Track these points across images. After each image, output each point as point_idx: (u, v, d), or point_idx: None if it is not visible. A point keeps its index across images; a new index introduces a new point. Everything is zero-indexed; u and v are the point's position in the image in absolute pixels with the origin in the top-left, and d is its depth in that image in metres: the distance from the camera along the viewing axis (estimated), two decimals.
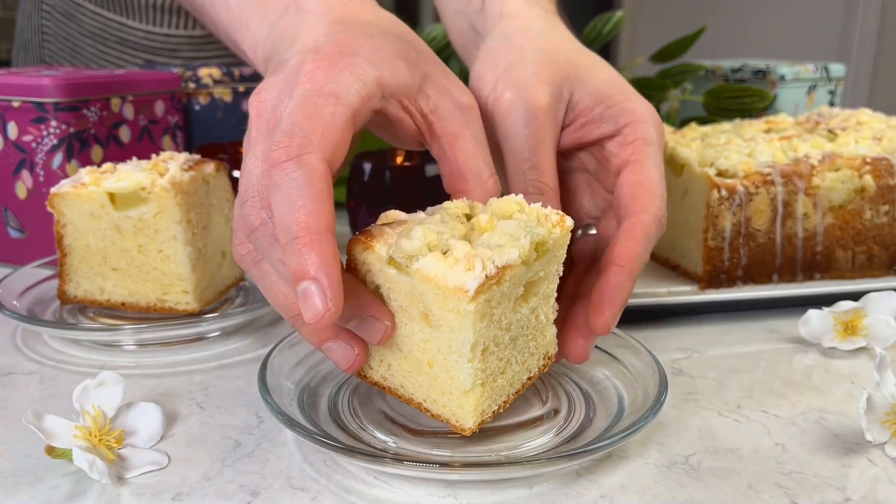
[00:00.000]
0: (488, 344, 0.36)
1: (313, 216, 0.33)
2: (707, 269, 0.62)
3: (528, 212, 0.38)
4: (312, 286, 0.32)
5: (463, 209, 0.39)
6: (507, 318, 0.37)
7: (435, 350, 0.37)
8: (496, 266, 0.34)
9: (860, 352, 0.55)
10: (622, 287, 0.40)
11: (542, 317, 0.40)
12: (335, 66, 0.37)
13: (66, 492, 0.37)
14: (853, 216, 0.64)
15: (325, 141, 0.34)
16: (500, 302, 0.36)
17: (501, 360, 0.38)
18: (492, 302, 0.35)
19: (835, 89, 1.04)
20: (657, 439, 0.43)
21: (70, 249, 0.57)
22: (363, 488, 0.38)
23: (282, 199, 0.33)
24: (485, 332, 0.35)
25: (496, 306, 0.36)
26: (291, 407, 0.41)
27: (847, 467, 0.40)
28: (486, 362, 0.37)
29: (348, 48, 0.38)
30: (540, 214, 0.38)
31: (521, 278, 0.37)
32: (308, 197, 0.33)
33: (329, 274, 0.32)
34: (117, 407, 0.41)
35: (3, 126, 0.66)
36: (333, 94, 0.36)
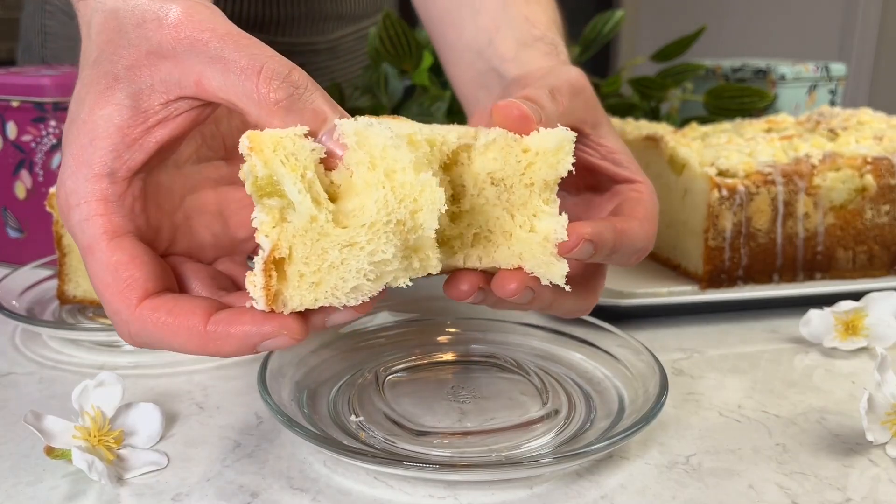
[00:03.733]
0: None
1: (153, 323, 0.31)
2: (708, 269, 0.62)
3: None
4: (271, 343, 0.31)
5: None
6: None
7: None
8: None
9: (861, 352, 0.55)
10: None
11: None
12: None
13: (66, 492, 0.37)
14: (854, 216, 0.64)
15: (102, 206, 0.32)
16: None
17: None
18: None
19: (835, 89, 1.04)
20: (658, 439, 0.43)
21: (69, 249, 0.57)
22: (363, 488, 0.38)
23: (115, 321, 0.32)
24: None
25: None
26: (291, 407, 0.41)
27: (848, 467, 0.40)
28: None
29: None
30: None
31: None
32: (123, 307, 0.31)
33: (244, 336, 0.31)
34: (117, 407, 0.41)
35: (3, 126, 0.66)
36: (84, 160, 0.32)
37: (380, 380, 0.47)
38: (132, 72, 0.32)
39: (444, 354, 0.52)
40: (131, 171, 0.33)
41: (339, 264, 0.30)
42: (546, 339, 0.52)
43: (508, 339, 0.53)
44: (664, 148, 0.67)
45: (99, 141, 0.32)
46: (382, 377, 0.47)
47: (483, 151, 0.36)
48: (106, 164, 0.32)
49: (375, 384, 0.46)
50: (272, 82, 0.31)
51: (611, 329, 0.49)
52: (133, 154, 0.33)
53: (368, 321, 0.53)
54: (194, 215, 0.37)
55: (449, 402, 0.45)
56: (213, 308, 0.32)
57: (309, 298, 0.31)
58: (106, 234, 0.32)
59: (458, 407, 0.45)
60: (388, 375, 0.48)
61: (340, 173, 0.31)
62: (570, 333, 0.51)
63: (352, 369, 0.49)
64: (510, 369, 0.49)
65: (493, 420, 0.43)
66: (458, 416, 0.44)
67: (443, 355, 0.52)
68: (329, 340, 0.50)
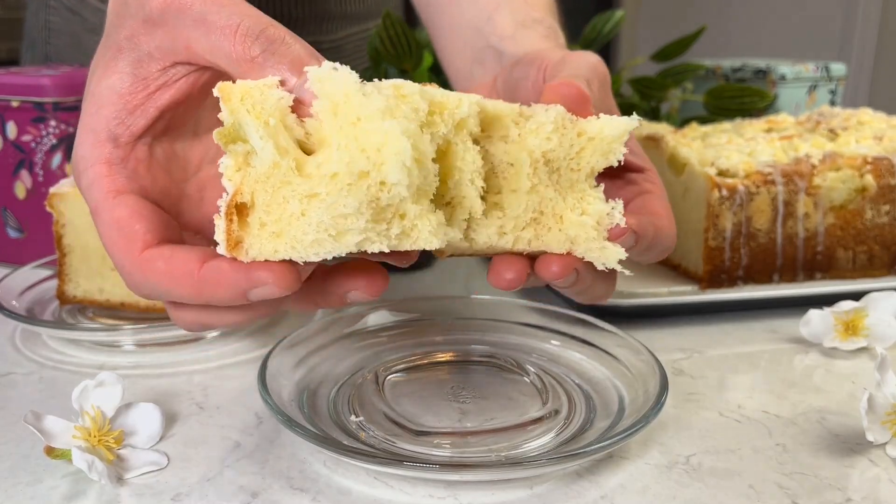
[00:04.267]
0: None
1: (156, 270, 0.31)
2: (708, 269, 0.62)
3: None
4: (260, 291, 0.30)
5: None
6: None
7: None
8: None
9: (861, 352, 0.55)
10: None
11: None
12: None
13: (66, 492, 0.37)
14: (854, 216, 0.64)
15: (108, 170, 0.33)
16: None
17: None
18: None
19: (835, 89, 1.04)
20: (658, 439, 0.43)
21: (69, 249, 0.57)
22: (363, 488, 0.38)
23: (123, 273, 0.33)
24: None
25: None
26: (291, 407, 0.41)
27: (848, 468, 0.40)
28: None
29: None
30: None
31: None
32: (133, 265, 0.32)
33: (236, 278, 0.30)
34: (117, 407, 0.41)
35: (3, 126, 0.66)
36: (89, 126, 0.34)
37: (380, 380, 0.47)
38: (132, 41, 0.33)
39: (444, 354, 0.52)
40: (134, 136, 0.34)
41: (299, 215, 0.29)
42: (546, 338, 0.52)
43: (508, 339, 0.53)
44: (664, 148, 0.67)
45: (103, 109, 0.34)
46: (382, 377, 0.47)
47: (537, 129, 0.35)
48: (109, 130, 0.33)
49: (375, 384, 0.46)
50: (247, 39, 0.31)
51: (611, 329, 0.49)
52: (135, 119, 0.34)
53: (368, 321, 0.53)
54: (208, 185, 0.37)
55: (449, 402, 0.45)
56: (209, 256, 0.32)
57: (269, 248, 0.30)
58: (109, 194, 0.33)
59: (458, 407, 0.45)
60: (388, 375, 0.48)
61: (314, 124, 0.30)
62: (570, 333, 0.51)
63: (352, 369, 0.49)
64: (510, 369, 0.49)
65: (493, 420, 0.43)
66: (458, 416, 0.44)
67: (443, 355, 0.52)
68: (329, 340, 0.50)
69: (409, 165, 0.28)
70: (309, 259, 0.30)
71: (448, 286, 0.68)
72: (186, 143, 0.37)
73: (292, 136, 0.30)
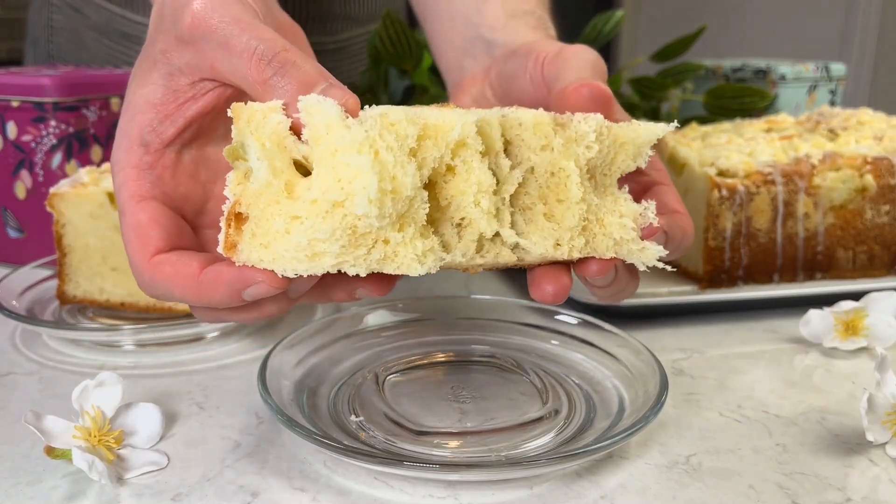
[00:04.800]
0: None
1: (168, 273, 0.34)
2: (708, 269, 0.62)
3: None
4: (252, 290, 0.32)
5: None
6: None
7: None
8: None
9: (861, 352, 0.55)
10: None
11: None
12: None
13: (66, 492, 0.37)
14: (854, 216, 0.64)
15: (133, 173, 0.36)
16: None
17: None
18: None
19: (835, 89, 1.04)
20: (658, 439, 0.43)
21: (69, 249, 0.57)
22: (363, 488, 0.38)
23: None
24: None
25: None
26: (291, 407, 0.41)
27: (848, 467, 0.40)
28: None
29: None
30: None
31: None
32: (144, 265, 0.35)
33: (232, 280, 0.32)
34: (117, 407, 0.41)
35: (3, 126, 0.66)
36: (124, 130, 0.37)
37: (380, 380, 0.47)
38: (165, 55, 0.36)
39: (444, 354, 0.52)
40: (164, 143, 0.37)
41: (284, 233, 0.31)
42: (546, 339, 0.52)
43: (508, 339, 0.53)
44: (664, 148, 0.67)
45: (137, 116, 0.36)
46: (382, 377, 0.47)
47: (579, 139, 0.35)
48: (141, 136, 0.36)
49: (375, 384, 0.46)
50: (261, 62, 0.33)
51: (611, 329, 0.49)
52: (166, 128, 0.36)
53: (368, 321, 0.53)
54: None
55: (449, 402, 0.45)
56: (210, 261, 0.34)
57: (256, 257, 0.32)
58: (133, 198, 0.36)
59: (458, 407, 0.45)
60: (388, 375, 0.48)
61: (312, 150, 0.31)
62: (569, 333, 0.51)
63: (352, 369, 0.49)
64: (510, 369, 0.49)
65: (493, 420, 0.43)
66: (458, 416, 0.44)
67: (443, 355, 0.52)
68: (329, 340, 0.50)
69: (373, 199, 0.30)
70: (286, 273, 0.31)
71: (448, 286, 0.68)
72: (217, 147, 0.39)
73: (289, 156, 0.32)
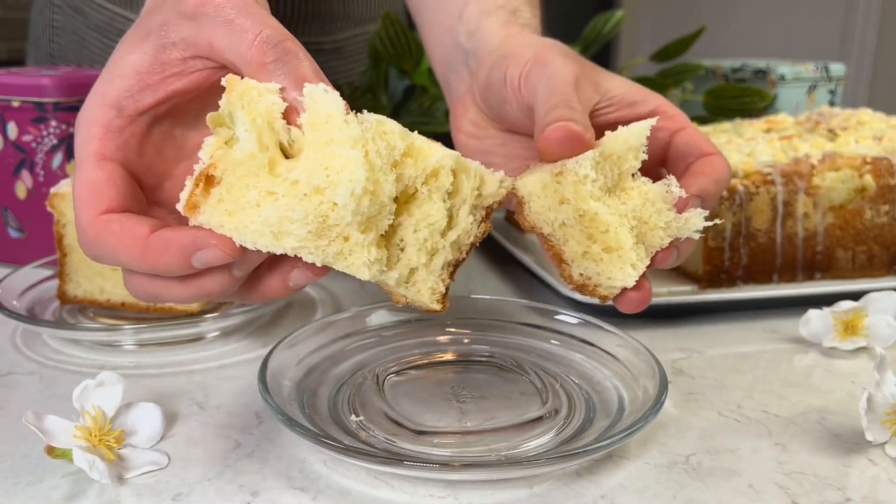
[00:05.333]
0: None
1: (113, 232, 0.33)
2: (707, 269, 0.62)
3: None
4: (203, 254, 0.32)
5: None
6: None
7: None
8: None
9: (860, 352, 0.55)
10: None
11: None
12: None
13: (66, 492, 0.37)
14: (853, 216, 0.64)
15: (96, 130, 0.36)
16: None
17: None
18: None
19: (835, 89, 1.04)
20: (657, 439, 0.43)
21: (70, 249, 0.57)
22: (363, 488, 0.38)
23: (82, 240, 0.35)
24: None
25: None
26: (291, 407, 0.41)
27: (847, 467, 0.40)
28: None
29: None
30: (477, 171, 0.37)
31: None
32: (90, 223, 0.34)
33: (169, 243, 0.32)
34: (117, 407, 0.41)
35: (3, 126, 0.66)
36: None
37: (380, 380, 0.47)
38: (162, 28, 0.36)
39: (444, 354, 0.52)
40: (138, 111, 0.36)
41: (254, 205, 0.31)
42: (546, 339, 0.52)
43: (508, 339, 0.53)
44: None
45: (118, 80, 0.36)
46: (382, 377, 0.47)
47: (582, 180, 0.37)
48: (118, 100, 0.36)
49: (375, 384, 0.46)
50: (265, 45, 0.34)
51: (611, 329, 0.49)
52: (144, 96, 0.36)
53: (368, 321, 0.53)
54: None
55: (449, 402, 0.45)
56: (160, 227, 0.34)
57: (216, 221, 0.32)
58: (95, 155, 0.35)
59: (458, 407, 0.45)
60: (388, 375, 0.48)
61: (298, 133, 0.33)
62: (569, 333, 0.52)
63: (352, 369, 0.49)
64: (510, 369, 0.49)
65: (493, 420, 0.43)
66: (458, 415, 0.44)
67: (443, 355, 0.52)
68: (329, 340, 0.50)
69: (358, 194, 0.31)
70: (244, 243, 0.32)
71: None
72: (186, 131, 0.39)
73: (276, 137, 0.32)
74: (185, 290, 0.35)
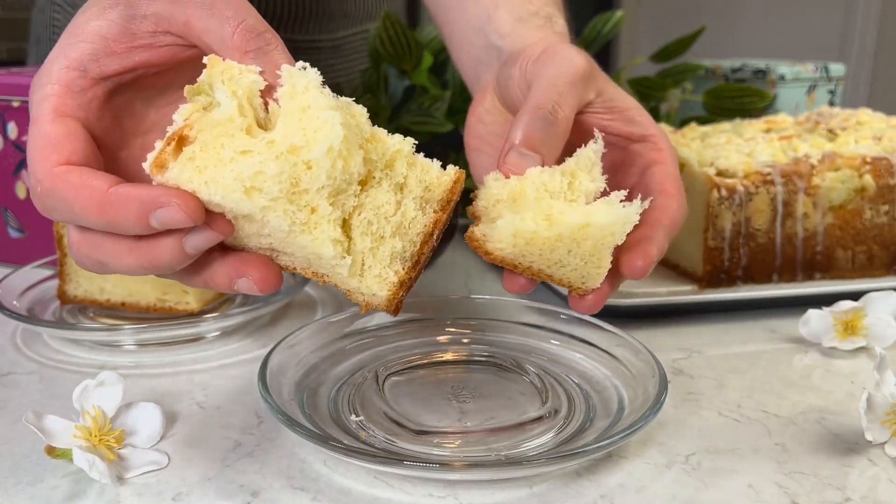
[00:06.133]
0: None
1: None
2: (707, 269, 0.62)
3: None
4: (163, 212, 0.31)
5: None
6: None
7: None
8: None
9: (860, 351, 0.55)
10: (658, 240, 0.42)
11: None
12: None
13: (66, 492, 0.37)
14: (853, 216, 0.64)
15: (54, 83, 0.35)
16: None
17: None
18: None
19: (835, 89, 1.04)
20: (657, 439, 0.43)
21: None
22: (363, 488, 0.38)
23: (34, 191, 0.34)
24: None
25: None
26: (291, 407, 0.41)
27: (847, 467, 0.40)
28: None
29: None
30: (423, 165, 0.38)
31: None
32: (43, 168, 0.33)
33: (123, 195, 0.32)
34: (117, 407, 0.41)
35: (3, 126, 0.66)
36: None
37: (380, 380, 0.47)
38: (132, 0, 0.36)
39: (444, 354, 0.52)
40: (102, 75, 0.36)
41: (227, 162, 0.32)
42: (546, 338, 0.52)
43: (508, 339, 0.53)
44: None
45: (83, 43, 0.35)
46: (382, 377, 0.47)
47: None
48: (81, 61, 0.35)
49: (375, 384, 0.46)
50: (248, 34, 0.34)
51: (610, 329, 0.49)
52: (110, 62, 0.36)
53: (368, 321, 0.53)
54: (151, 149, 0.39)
55: (449, 402, 0.45)
56: (120, 184, 0.33)
57: (185, 177, 0.32)
58: (55, 111, 0.35)
59: (458, 406, 0.45)
60: (388, 375, 0.48)
61: (274, 113, 0.33)
62: (569, 333, 0.52)
63: (352, 369, 0.49)
64: (510, 369, 0.49)
65: (492, 419, 0.43)
66: (458, 415, 0.44)
67: (443, 355, 0.52)
68: (329, 340, 0.50)
69: (336, 149, 0.32)
70: (213, 199, 0.32)
71: (448, 286, 0.68)
72: (147, 104, 0.38)
73: (254, 113, 0.33)
74: (133, 258, 0.33)
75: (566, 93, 0.42)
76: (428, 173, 0.37)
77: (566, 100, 0.42)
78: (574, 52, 0.45)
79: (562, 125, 0.42)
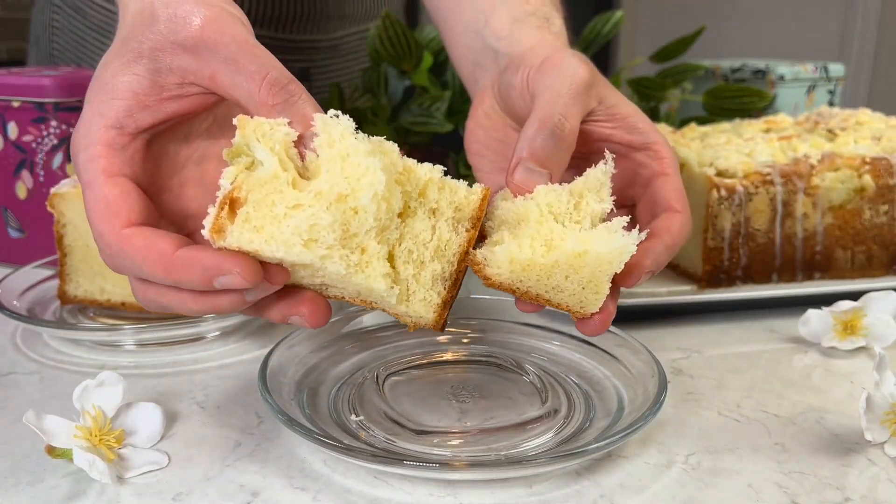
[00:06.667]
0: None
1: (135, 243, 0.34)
2: (707, 269, 0.62)
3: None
4: (225, 279, 0.33)
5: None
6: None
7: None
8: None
9: (860, 351, 0.55)
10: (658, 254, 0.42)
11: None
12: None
13: (66, 492, 0.37)
14: (853, 216, 0.64)
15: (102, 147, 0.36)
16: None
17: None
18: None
19: (834, 89, 1.04)
20: (657, 439, 0.43)
21: (70, 249, 0.57)
22: (363, 488, 0.38)
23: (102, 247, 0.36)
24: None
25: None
26: (291, 407, 0.41)
27: (847, 467, 0.40)
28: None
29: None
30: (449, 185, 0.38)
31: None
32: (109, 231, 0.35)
33: (192, 261, 0.33)
34: (117, 407, 0.41)
35: (4, 126, 0.66)
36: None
37: (380, 379, 0.47)
38: (155, 53, 0.37)
39: (444, 354, 0.52)
40: (139, 129, 0.37)
41: (281, 218, 0.33)
42: (545, 338, 0.52)
43: (508, 339, 0.53)
44: None
45: (116, 100, 0.37)
46: (382, 377, 0.47)
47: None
48: (118, 118, 0.37)
49: (375, 384, 0.46)
50: (272, 88, 0.35)
51: (610, 329, 0.49)
52: (144, 116, 0.37)
53: (367, 321, 0.53)
54: (189, 183, 0.40)
55: (449, 402, 0.45)
56: (183, 243, 0.35)
57: (246, 238, 0.33)
58: (105, 172, 0.36)
59: (458, 406, 0.45)
60: (388, 375, 0.48)
61: (313, 161, 0.34)
62: (569, 333, 0.52)
63: (352, 369, 0.49)
64: (510, 369, 0.49)
65: (492, 419, 0.43)
66: (458, 415, 0.44)
67: (443, 355, 0.52)
68: (329, 340, 0.50)
69: (380, 193, 0.33)
70: (275, 255, 0.33)
71: None
72: (178, 144, 0.40)
73: (293, 164, 0.34)
74: (196, 305, 0.36)
75: (571, 105, 0.43)
76: (456, 194, 0.38)
77: (571, 112, 0.43)
78: (576, 62, 0.45)
79: (568, 138, 0.42)
